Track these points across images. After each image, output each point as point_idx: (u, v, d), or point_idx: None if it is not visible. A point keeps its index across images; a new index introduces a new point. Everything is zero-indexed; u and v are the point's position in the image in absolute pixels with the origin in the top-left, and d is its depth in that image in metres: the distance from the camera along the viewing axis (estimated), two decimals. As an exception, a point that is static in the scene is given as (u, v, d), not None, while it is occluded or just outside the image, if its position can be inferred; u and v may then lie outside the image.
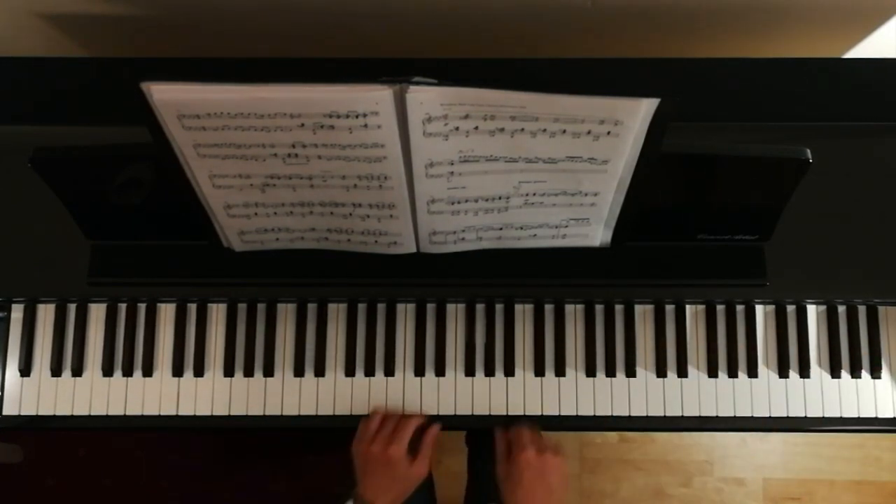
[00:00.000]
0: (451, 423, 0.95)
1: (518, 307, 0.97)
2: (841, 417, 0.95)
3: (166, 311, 0.97)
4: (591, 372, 0.96)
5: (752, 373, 0.95)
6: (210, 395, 0.96)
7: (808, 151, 0.79)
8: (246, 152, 0.75)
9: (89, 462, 1.70)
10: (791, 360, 0.96)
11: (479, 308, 0.97)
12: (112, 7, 1.08)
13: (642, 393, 0.96)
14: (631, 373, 0.96)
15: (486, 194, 0.80)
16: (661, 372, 0.96)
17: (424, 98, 0.67)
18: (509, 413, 0.95)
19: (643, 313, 0.97)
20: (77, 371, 0.96)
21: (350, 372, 0.96)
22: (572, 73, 0.99)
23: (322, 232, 0.87)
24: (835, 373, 0.96)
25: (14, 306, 0.96)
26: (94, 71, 1.02)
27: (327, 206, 0.82)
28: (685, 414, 0.95)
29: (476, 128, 0.71)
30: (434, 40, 1.17)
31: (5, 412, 0.95)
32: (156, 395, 0.96)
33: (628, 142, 0.74)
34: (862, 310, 0.97)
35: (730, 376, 0.96)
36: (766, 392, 0.95)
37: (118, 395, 0.96)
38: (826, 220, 0.93)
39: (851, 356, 0.96)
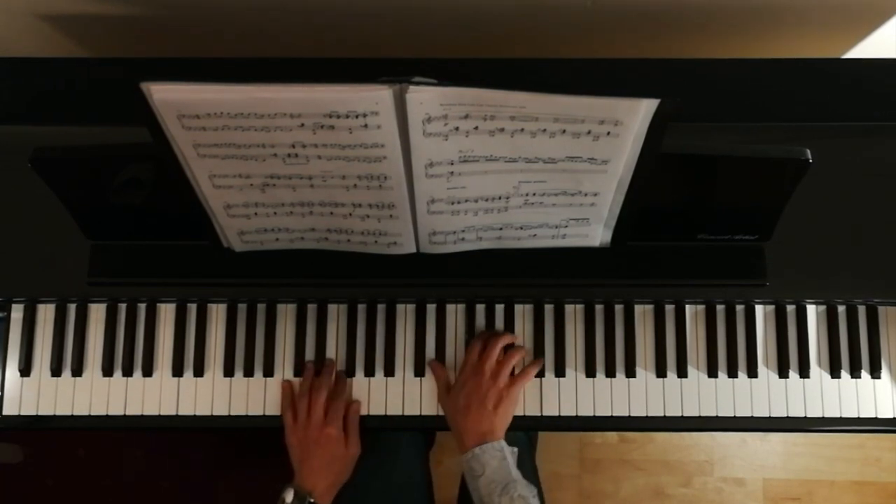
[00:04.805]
0: (451, 423, 0.95)
1: (518, 307, 0.97)
2: (841, 417, 0.95)
3: (166, 311, 0.97)
4: (590, 372, 0.96)
5: (752, 373, 0.95)
6: (210, 395, 0.96)
7: (808, 151, 0.79)
8: (246, 152, 0.75)
9: (89, 462, 1.70)
10: (791, 360, 0.96)
11: (479, 308, 0.97)
12: (112, 7, 1.08)
13: (642, 393, 0.96)
14: (631, 373, 0.96)
15: (486, 194, 0.80)
16: (660, 372, 0.96)
17: (424, 98, 0.67)
18: (509, 413, 0.95)
19: (643, 313, 0.97)
20: (77, 371, 0.96)
21: (350, 372, 0.96)
22: (572, 73, 0.99)
23: (322, 232, 0.87)
24: (834, 373, 0.96)
25: (14, 306, 0.96)
26: (94, 71, 1.02)
27: (327, 206, 0.82)
28: (685, 414, 0.95)
29: (476, 128, 0.71)
30: (434, 40, 1.17)
31: (5, 412, 0.95)
32: (156, 395, 0.96)
33: (628, 142, 0.74)
34: (862, 310, 0.97)
35: (729, 376, 0.96)
36: (766, 392, 0.95)
37: (118, 395, 0.96)
38: (826, 220, 0.93)
39: (851, 356, 0.96)
